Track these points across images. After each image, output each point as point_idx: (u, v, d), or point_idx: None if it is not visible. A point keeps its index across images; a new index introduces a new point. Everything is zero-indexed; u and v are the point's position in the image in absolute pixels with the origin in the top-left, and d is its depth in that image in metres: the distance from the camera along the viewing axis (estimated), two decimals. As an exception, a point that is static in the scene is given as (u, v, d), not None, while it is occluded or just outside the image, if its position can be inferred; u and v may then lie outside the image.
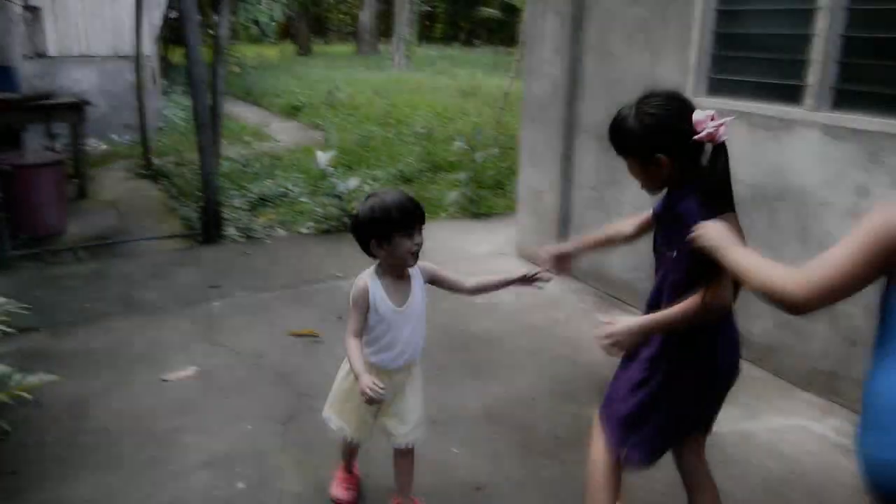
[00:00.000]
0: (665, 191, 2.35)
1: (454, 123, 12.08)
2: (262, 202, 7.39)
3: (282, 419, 3.57)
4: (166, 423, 3.51)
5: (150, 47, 10.30)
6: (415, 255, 2.59)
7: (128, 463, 3.20)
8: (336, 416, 2.82)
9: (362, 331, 2.63)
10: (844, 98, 3.74)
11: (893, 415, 1.56)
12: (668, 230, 2.33)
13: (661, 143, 2.21)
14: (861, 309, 3.63)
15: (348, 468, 3.05)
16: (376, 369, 2.64)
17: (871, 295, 3.45)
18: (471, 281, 2.83)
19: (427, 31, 35.82)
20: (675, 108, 2.23)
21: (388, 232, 2.52)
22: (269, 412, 3.63)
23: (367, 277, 2.64)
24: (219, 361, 4.14)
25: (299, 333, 4.48)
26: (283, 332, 4.51)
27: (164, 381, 3.90)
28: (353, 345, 2.59)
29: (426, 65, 23.80)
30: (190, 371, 4.01)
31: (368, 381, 2.38)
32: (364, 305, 2.60)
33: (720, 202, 2.21)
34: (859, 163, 3.60)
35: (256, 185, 7.80)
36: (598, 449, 2.54)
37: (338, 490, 3.00)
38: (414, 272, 2.69)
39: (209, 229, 6.23)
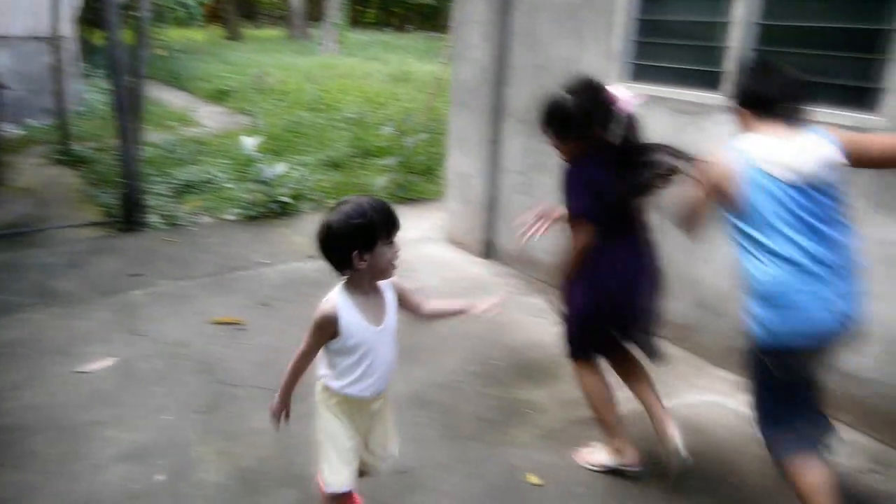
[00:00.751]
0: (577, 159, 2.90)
1: (385, 109, 12.01)
2: (188, 189, 7.22)
3: (203, 409, 3.51)
4: (83, 416, 3.41)
5: (68, 28, 9.93)
6: (396, 265, 2.33)
7: (42, 458, 3.10)
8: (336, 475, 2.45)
9: (312, 359, 2.38)
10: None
11: (770, 291, 2.48)
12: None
13: (587, 124, 2.81)
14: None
15: None
16: (354, 403, 2.40)
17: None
18: (429, 305, 2.54)
19: (359, 16, 35.45)
20: (597, 93, 2.84)
21: (372, 240, 2.21)
22: (190, 402, 3.56)
23: (335, 300, 2.29)
24: (139, 352, 4.04)
25: (222, 321, 4.41)
26: (207, 320, 4.43)
27: (82, 372, 3.78)
28: (296, 367, 2.42)
29: (358, 50, 23.56)
30: (108, 362, 3.90)
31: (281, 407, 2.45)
32: (329, 333, 2.30)
33: (626, 162, 2.83)
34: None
35: (181, 172, 7.61)
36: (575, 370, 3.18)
37: None
38: (384, 284, 2.40)
39: (130, 217, 6.06)
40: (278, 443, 3.25)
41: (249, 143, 7.00)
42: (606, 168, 2.81)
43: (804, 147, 2.45)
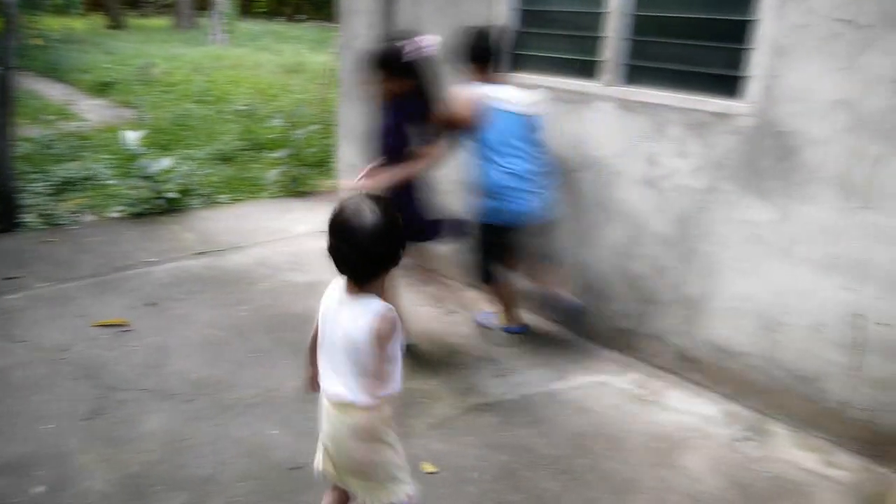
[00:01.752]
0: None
1: (277, 101, 11.78)
2: (68, 186, 6.87)
3: (86, 415, 3.37)
4: (-47, 429, 3.23)
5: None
6: None
7: None
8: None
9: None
10: (636, 73, 4.00)
11: (496, 188, 3.82)
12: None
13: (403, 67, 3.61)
14: (654, 271, 3.92)
15: None
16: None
17: (661, 257, 3.73)
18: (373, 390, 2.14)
19: (250, 5, 34.58)
20: (405, 42, 3.63)
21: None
22: (72, 409, 3.41)
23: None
24: (16, 359, 3.84)
25: (105, 324, 4.24)
26: (89, 323, 4.25)
27: (-49, 384, 3.58)
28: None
29: (248, 40, 22.98)
30: (-19, 371, 3.70)
31: None
32: None
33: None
34: (649, 134, 3.86)
35: (60, 168, 7.25)
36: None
37: None
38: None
39: (4, 217, 5.73)
40: (166, 446, 3.17)
41: (132, 136, 6.73)
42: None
43: (516, 92, 3.87)
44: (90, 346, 4.01)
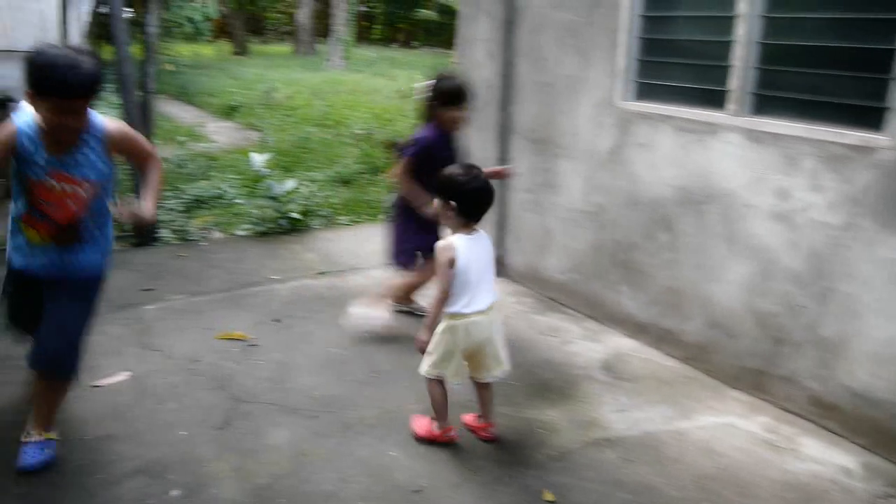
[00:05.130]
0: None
1: (393, 125, 12.07)
2: (198, 204, 7.26)
3: (217, 425, 3.52)
4: (97, 430, 3.43)
5: (77, 43, 10.00)
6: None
7: (57, 472, 3.11)
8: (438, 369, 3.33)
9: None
10: (764, 103, 3.87)
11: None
12: None
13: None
14: (785, 309, 3.77)
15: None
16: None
17: (795, 295, 3.59)
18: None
19: (365, 32, 35.65)
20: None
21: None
22: (204, 418, 3.57)
23: (452, 239, 3.23)
24: (152, 367, 4.05)
25: (228, 337, 4.42)
26: (217, 336, 4.45)
27: (95, 387, 3.80)
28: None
29: (364, 66, 23.71)
30: (122, 377, 3.92)
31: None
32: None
33: None
34: (780, 166, 3.73)
35: (192, 187, 7.66)
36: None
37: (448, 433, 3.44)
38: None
39: (142, 231, 6.09)
40: (291, 460, 3.26)
41: (259, 159, 7.05)
42: None
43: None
44: (219, 358, 4.18)
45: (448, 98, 4.27)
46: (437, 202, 3.29)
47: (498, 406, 3.71)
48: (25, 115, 2.92)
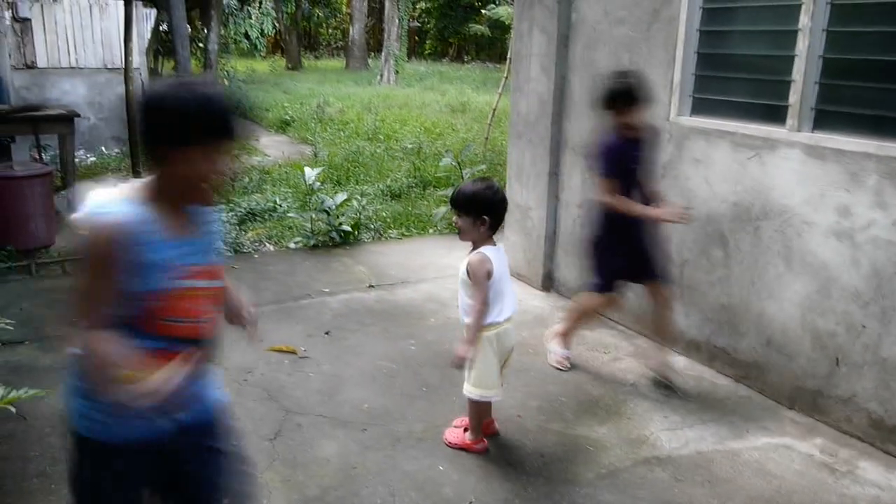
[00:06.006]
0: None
1: (443, 139, 12.13)
2: (251, 216, 7.39)
3: (269, 436, 3.56)
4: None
5: (139, 60, 10.30)
6: None
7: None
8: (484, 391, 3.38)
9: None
10: (825, 118, 3.79)
11: None
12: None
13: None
14: (845, 329, 3.67)
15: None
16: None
17: (855, 314, 3.50)
18: None
19: (416, 46, 35.95)
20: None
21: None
22: (256, 428, 3.61)
23: (484, 252, 3.28)
24: (206, 377, 4.12)
25: (278, 349, 4.47)
26: (269, 348, 4.50)
27: (150, 396, 3.87)
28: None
29: (415, 80, 23.89)
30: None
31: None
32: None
33: None
34: (841, 182, 3.64)
35: (245, 200, 7.80)
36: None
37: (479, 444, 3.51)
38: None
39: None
40: (340, 472, 3.28)
41: (311, 174, 7.15)
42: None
43: None
44: (271, 369, 4.24)
45: (622, 100, 3.87)
46: (461, 220, 3.29)
47: (547, 422, 3.69)
48: (110, 202, 1.85)
